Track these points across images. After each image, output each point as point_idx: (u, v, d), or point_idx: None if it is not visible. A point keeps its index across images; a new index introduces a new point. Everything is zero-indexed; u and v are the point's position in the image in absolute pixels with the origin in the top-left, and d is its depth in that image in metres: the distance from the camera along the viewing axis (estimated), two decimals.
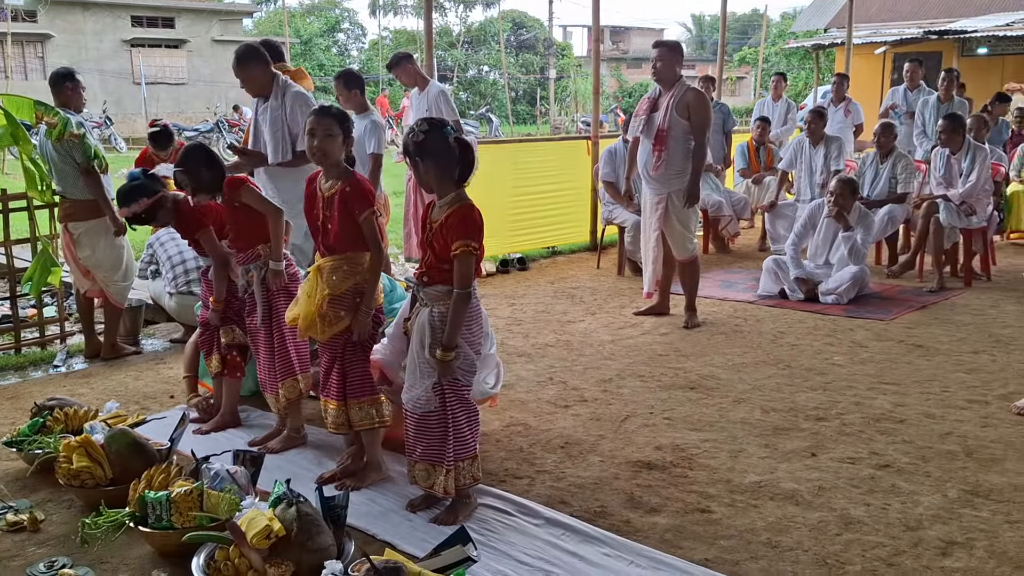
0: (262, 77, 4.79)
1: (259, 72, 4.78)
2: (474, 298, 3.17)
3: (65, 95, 5.36)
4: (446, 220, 3.08)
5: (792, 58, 36.91)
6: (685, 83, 5.86)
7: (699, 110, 5.76)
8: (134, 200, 3.96)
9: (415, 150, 3.08)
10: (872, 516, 3.25)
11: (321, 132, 3.35)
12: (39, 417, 3.87)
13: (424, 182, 3.15)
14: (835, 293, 6.57)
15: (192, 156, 3.91)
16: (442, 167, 3.08)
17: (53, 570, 2.94)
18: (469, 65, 42.98)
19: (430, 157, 3.07)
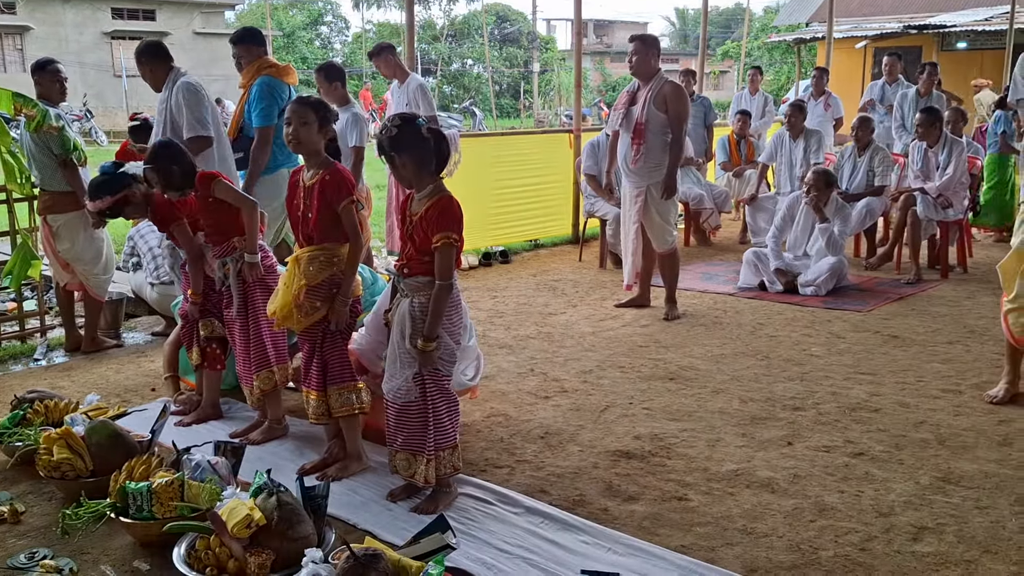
0: (156, 73, 5.01)
1: (152, 68, 5.01)
2: (455, 289, 3.20)
3: (45, 85, 5.34)
4: (426, 212, 3.11)
5: (775, 52, 36.99)
6: (663, 76, 5.89)
7: (676, 103, 5.80)
8: (99, 196, 3.94)
9: (390, 145, 3.10)
10: (846, 503, 3.31)
11: (296, 120, 3.37)
12: (19, 410, 3.86)
13: (402, 177, 3.17)
14: (814, 285, 6.64)
15: (161, 153, 3.86)
16: (418, 160, 3.10)
17: (34, 561, 2.95)
18: (453, 59, 42.93)
19: (406, 151, 3.09)
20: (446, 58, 41.30)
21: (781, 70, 35.85)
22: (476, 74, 42.02)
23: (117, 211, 4.01)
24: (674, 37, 58.17)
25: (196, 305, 4.05)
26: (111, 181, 3.94)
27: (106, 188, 3.94)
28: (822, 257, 6.74)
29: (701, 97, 10.01)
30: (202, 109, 4.88)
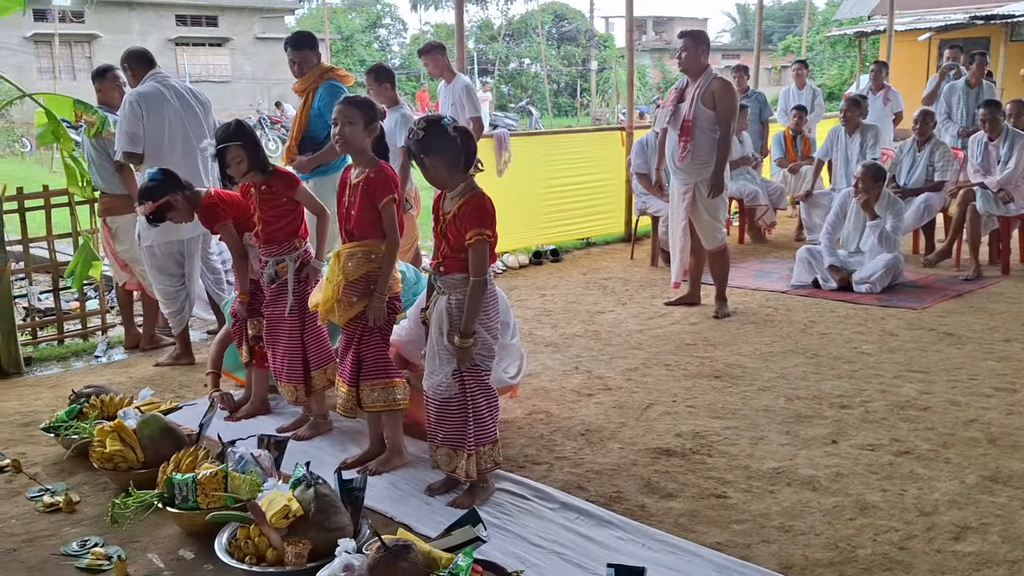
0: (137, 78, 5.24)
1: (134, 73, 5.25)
2: (490, 284, 3.23)
3: (105, 91, 5.52)
4: (459, 210, 3.14)
5: (837, 46, 36.32)
6: (712, 72, 5.85)
7: (725, 99, 5.75)
8: (143, 202, 4.08)
9: (419, 148, 3.13)
10: (888, 501, 3.25)
11: (342, 120, 3.45)
12: (76, 404, 4.01)
13: (433, 178, 3.20)
14: (868, 282, 6.52)
15: (245, 131, 3.90)
16: (448, 160, 3.14)
17: (86, 548, 3.06)
18: (510, 58, 43.01)
19: (435, 152, 3.13)
20: (503, 58, 41.40)
21: (844, 64, 35.19)
22: (534, 73, 42.03)
23: (161, 215, 4.12)
24: (735, 33, 57.43)
25: (244, 305, 4.14)
26: (154, 187, 4.06)
27: (148, 194, 4.06)
28: (876, 254, 6.61)
29: (756, 93, 9.91)
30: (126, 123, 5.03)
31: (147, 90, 5.09)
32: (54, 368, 5.43)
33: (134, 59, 5.26)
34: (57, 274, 5.88)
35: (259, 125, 22.20)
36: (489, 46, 41.30)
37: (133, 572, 2.92)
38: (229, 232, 4.14)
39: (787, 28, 49.47)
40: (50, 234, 5.82)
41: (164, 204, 4.08)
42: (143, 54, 5.31)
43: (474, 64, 37.60)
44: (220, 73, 30.42)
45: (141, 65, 5.22)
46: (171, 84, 5.20)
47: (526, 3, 44.21)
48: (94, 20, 27.63)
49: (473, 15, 42.68)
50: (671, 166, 6.08)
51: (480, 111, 6.74)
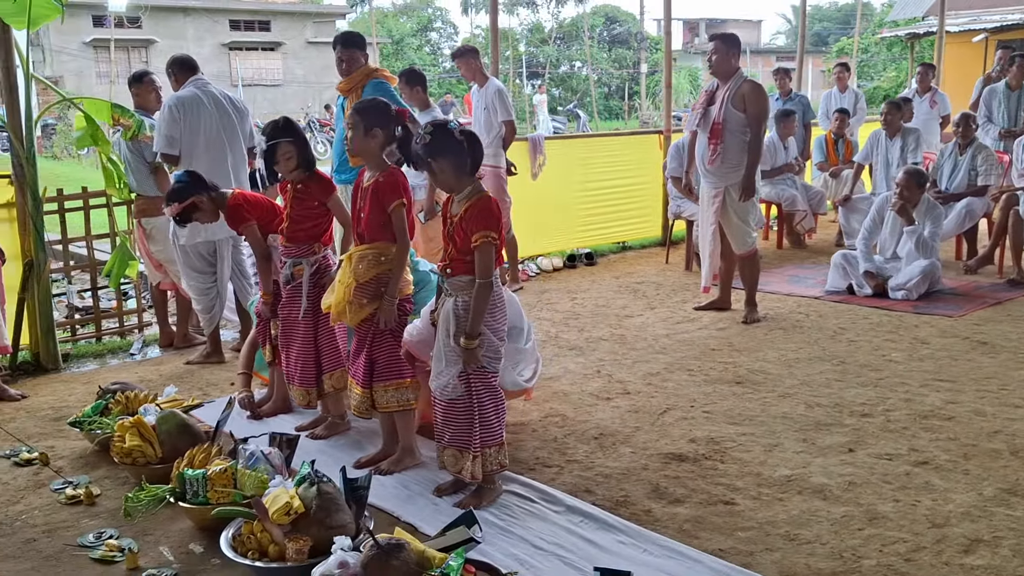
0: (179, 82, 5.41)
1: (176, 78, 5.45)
2: (496, 287, 3.25)
3: (142, 95, 5.66)
4: (465, 213, 3.17)
5: (893, 48, 35.66)
6: (742, 75, 5.81)
7: (755, 102, 5.70)
8: (169, 203, 4.20)
9: (426, 152, 3.17)
10: (899, 512, 3.20)
11: (349, 126, 3.53)
12: (102, 400, 4.13)
13: (442, 182, 3.24)
14: (904, 288, 6.40)
15: (296, 127, 3.99)
16: (455, 163, 3.17)
17: (101, 540, 3.15)
18: (560, 61, 42.99)
19: (442, 156, 3.16)
20: (554, 61, 41.39)
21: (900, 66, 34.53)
22: (583, 76, 41.96)
23: (187, 216, 4.22)
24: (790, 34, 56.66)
25: (267, 305, 4.22)
26: (180, 189, 4.17)
27: (175, 196, 4.17)
28: (913, 260, 6.49)
29: (799, 96, 9.78)
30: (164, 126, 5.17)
31: (185, 95, 5.22)
32: (90, 365, 5.58)
33: (177, 65, 5.42)
34: (95, 273, 6.04)
35: (308, 128, 22.52)
36: (539, 49, 41.33)
37: (144, 564, 3.00)
38: (253, 233, 4.22)
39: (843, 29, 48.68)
40: (88, 234, 5.98)
41: (190, 205, 4.18)
42: (186, 60, 5.45)
43: (523, 67, 37.68)
44: (272, 77, 30.92)
45: (183, 71, 5.37)
46: (209, 91, 5.31)
47: (577, 6, 43.96)
48: (150, 26, 28.29)
49: (524, 18, 42.81)
50: (701, 169, 6.04)
51: (512, 114, 6.77)
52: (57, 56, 26.63)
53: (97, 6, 26.39)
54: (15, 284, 5.24)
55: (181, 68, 5.39)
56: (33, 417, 4.53)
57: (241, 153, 5.37)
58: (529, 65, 40.07)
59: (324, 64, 31.33)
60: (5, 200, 5.30)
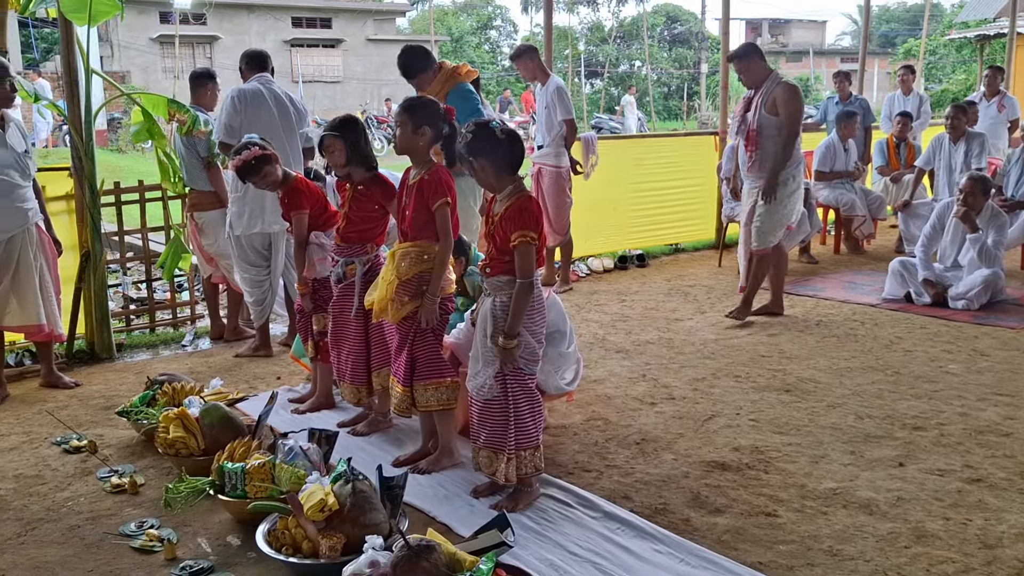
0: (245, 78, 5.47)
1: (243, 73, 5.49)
2: (536, 288, 3.22)
3: (199, 93, 5.74)
4: (505, 212, 3.15)
5: (963, 50, 34.73)
6: (775, 78, 5.84)
7: (788, 103, 5.73)
8: (245, 148, 4.21)
9: (467, 151, 3.16)
10: (949, 531, 3.09)
11: (395, 125, 3.51)
12: (150, 390, 4.19)
13: (483, 181, 3.22)
14: (965, 298, 6.21)
15: (353, 123, 4.03)
16: (497, 163, 3.15)
17: (142, 530, 3.20)
18: (620, 60, 42.75)
19: (483, 155, 3.14)
20: (613, 60, 41.17)
21: (970, 69, 33.62)
22: (643, 75, 41.68)
23: (255, 169, 4.21)
24: (855, 35, 55.54)
25: (305, 295, 4.24)
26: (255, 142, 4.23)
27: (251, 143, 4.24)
28: (975, 269, 6.29)
29: (859, 99, 9.56)
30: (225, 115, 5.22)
31: (248, 88, 5.29)
32: (143, 355, 5.68)
33: (247, 59, 5.49)
34: (150, 265, 6.15)
35: (366, 124, 22.73)
36: (599, 48, 41.14)
37: (182, 555, 3.03)
38: (302, 221, 4.26)
39: (911, 31, 47.57)
40: (144, 226, 6.09)
41: (260, 159, 4.20)
42: (257, 56, 5.51)
43: (582, 66, 37.54)
44: (332, 74, 31.25)
45: (252, 66, 5.43)
46: (272, 88, 5.35)
47: (638, 5, 43.65)
48: (215, 22, 28.80)
49: (584, 16, 42.64)
50: (743, 174, 6.07)
51: (572, 113, 6.74)
52: (125, 51, 27.28)
53: (164, 3, 27.00)
54: (72, 274, 5.35)
55: (249, 63, 5.45)
56: (85, 405, 4.63)
57: (297, 152, 5.41)
58: (588, 64, 39.91)
59: (383, 61, 31.61)
60: (64, 192, 5.41)
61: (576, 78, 35.76)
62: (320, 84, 30.20)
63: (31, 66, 19.88)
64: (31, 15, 5.61)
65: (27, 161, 4.67)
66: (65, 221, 5.40)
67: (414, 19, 43.32)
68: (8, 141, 4.56)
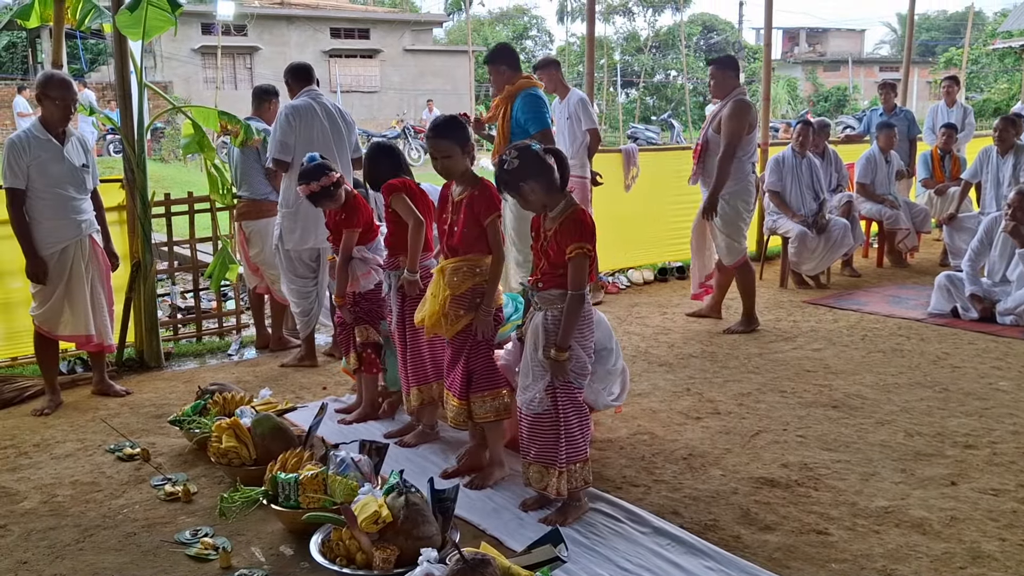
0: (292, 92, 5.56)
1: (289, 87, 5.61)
2: (587, 302, 3.23)
3: (264, 108, 5.83)
4: (560, 227, 3.16)
5: (1006, 59, 34.24)
6: (734, 95, 5.96)
7: (728, 120, 5.88)
8: (302, 183, 4.29)
9: (516, 177, 3.15)
10: (1005, 552, 3.05)
11: (440, 155, 3.55)
12: (201, 400, 4.26)
13: (534, 204, 3.22)
14: (1014, 313, 6.12)
15: (373, 149, 4.21)
16: (545, 183, 3.16)
17: (196, 538, 3.25)
18: (656, 70, 42.65)
19: (532, 178, 3.15)
20: (649, 69, 41.09)
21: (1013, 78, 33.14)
22: (679, 85, 41.54)
23: (332, 194, 4.31)
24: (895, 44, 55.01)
25: (346, 309, 4.29)
26: (313, 171, 4.28)
27: (306, 177, 4.30)
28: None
29: (903, 111, 9.46)
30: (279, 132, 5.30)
31: (300, 104, 5.35)
32: (190, 364, 5.77)
33: (292, 73, 5.54)
34: (198, 275, 6.24)
35: (403, 135, 22.89)
36: (635, 57, 41.08)
37: (236, 563, 3.07)
38: (352, 238, 4.31)
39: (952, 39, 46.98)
40: (192, 237, 6.19)
41: (338, 182, 4.30)
42: (302, 69, 5.56)
43: (617, 75, 37.52)
44: (369, 84, 31.48)
45: (298, 80, 5.49)
46: (322, 102, 5.42)
47: (674, 15, 43.53)
48: (255, 33, 29.14)
49: (620, 26, 42.61)
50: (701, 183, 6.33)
51: (596, 123, 6.77)
52: (167, 62, 27.70)
53: (206, 15, 27.36)
54: (122, 284, 5.45)
55: (296, 77, 5.51)
56: (136, 413, 4.71)
57: (347, 165, 5.46)
58: (624, 74, 39.87)
59: (420, 71, 31.80)
60: (116, 203, 5.52)
61: (611, 87, 35.75)
62: (358, 94, 30.41)
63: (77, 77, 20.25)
64: (86, 29, 5.71)
65: (84, 175, 4.77)
66: (117, 231, 5.49)
67: (451, 29, 43.56)
68: (66, 155, 4.66)
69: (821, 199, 7.60)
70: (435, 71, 32.06)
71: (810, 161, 7.64)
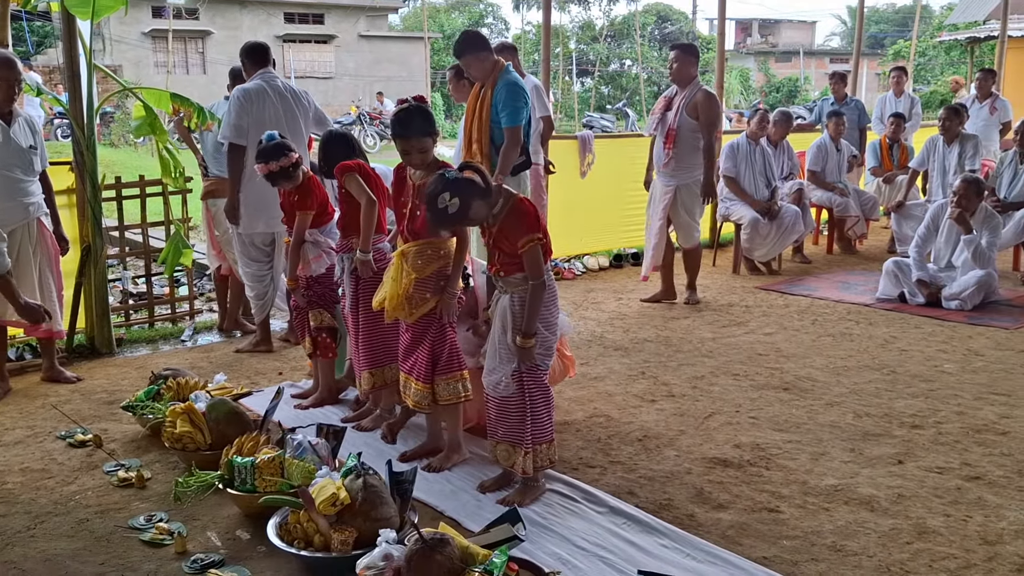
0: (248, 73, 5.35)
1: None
2: (549, 283, 3.25)
3: None
4: (504, 222, 3.17)
5: (952, 52, 34.92)
6: (697, 84, 6.30)
7: (707, 110, 6.18)
8: (259, 162, 4.23)
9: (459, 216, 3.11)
10: (949, 527, 3.14)
11: (414, 150, 3.52)
12: (154, 385, 4.21)
13: (478, 220, 3.21)
14: (959, 298, 6.28)
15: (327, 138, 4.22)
16: (481, 196, 3.13)
17: (151, 523, 3.22)
18: (611, 59, 42.78)
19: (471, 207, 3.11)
20: (604, 59, 41.20)
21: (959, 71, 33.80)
22: (634, 75, 41.72)
23: (291, 175, 4.25)
24: (845, 36, 55.82)
25: (298, 292, 4.27)
26: (271, 150, 4.21)
27: (264, 156, 4.22)
28: (969, 270, 6.36)
29: (854, 100, 9.63)
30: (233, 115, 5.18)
31: (252, 86, 5.26)
32: (143, 350, 5.69)
33: (248, 53, 5.41)
34: (150, 260, 6.15)
35: (358, 120, 22.70)
36: (590, 46, 41.16)
37: (192, 548, 3.05)
38: (306, 221, 4.28)
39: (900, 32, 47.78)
40: (144, 221, 6.10)
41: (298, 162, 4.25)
42: (258, 49, 5.44)
43: (573, 64, 37.55)
44: (324, 70, 31.15)
45: (254, 61, 5.37)
46: (276, 84, 5.32)
47: (629, 4, 43.70)
48: (207, 17, 28.67)
49: (575, 15, 42.62)
50: (657, 169, 6.51)
51: (550, 111, 6.77)
52: (117, 45, 27.11)
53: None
54: (72, 268, 5.35)
55: (252, 58, 5.38)
56: (87, 400, 4.64)
57: (303, 147, 5.38)
58: (579, 62, 39.94)
59: (375, 58, 31.55)
60: (66, 186, 5.41)
61: (567, 76, 35.79)
62: (312, 80, 30.07)
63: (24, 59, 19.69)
64: (32, 8, 5.58)
65: (31, 156, 4.67)
66: (66, 215, 5.38)
67: (406, 16, 43.23)
68: (13, 136, 4.56)
69: (773, 186, 7.72)
70: (390, 58, 31.83)
71: (763, 149, 7.75)
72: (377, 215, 3.94)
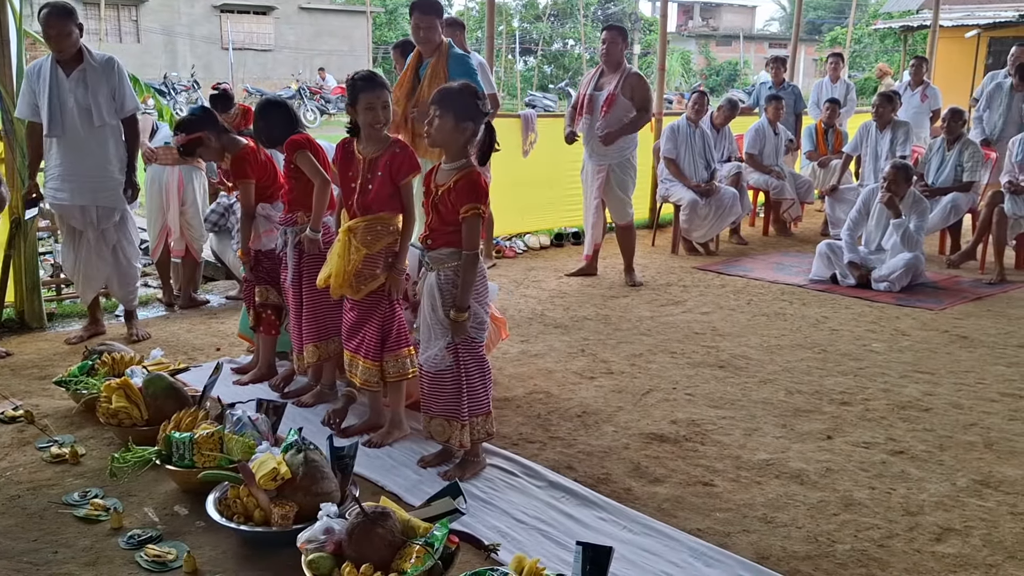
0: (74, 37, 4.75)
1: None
2: (480, 258, 3.28)
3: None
4: (454, 184, 3.18)
5: (886, 40, 35.66)
6: (627, 67, 6.53)
7: (640, 90, 6.48)
8: (176, 133, 4.26)
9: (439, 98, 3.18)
10: (874, 499, 3.27)
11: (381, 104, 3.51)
12: (88, 360, 4.13)
13: (438, 135, 3.19)
14: (887, 280, 6.47)
15: (266, 106, 4.13)
16: (460, 128, 3.16)
17: (86, 499, 3.17)
18: (554, 38, 42.74)
19: (450, 110, 3.15)
20: (547, 38, 41.16)
21: (893, 58, 34.55)
22: (576, 54, 41.77)
23: (191, 149, 4.24)
24: (784, 21, 56.61)
25: (246, 264, 4.23)
26: (191, 122, 4.19)
27: (183, 127, 4.20)
28: (898, 252, 6.56)
29: (791, 85, 9.81)
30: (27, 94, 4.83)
31: (37, 63, 4.89)
32: (75, 324, 5.56)
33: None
34: None
35: (299, 95, 22.35)
36: (533, 25, 41.06)
37: (128, 524, 3.02)
38: (248, 192, 4.21)
39: (837, 19, 48.56)
40: None
41: (196, 139, 4.19)
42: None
43: (516, 43, 37.44)
44: (263, 42, 30.52)
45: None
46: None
47: None
48: None
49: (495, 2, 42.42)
50: (587, 148, 6.70)
51: (495, 88, 6.78)
52: None
53: None
54: (1, 241, 5.20)
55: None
56: (17, 375, 4.53)
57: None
58: (522, 41, 39.83)
59: (316, 31, 31.02)
60: None
61: (510, 55, 35.68)
62: (251, 52, 29.46)
63: None
64: None
65: None
66: None
67: None
68: None
69: (712, 168, 7.84)
70: (332, 31, 31.31)
71: (703, 131, 7.86)
72: (329, 193, 3.92)
